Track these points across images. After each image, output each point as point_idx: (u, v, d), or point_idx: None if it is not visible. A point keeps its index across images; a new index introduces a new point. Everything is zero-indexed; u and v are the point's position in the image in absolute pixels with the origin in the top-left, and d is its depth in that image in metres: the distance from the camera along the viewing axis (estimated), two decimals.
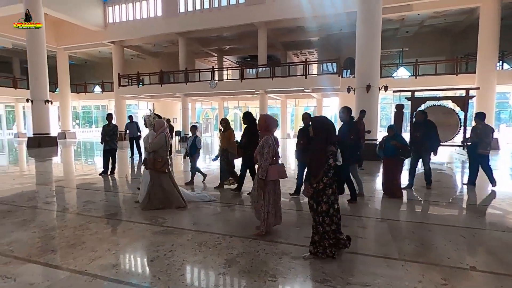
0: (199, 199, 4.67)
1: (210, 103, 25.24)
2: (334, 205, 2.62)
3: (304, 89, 15.57)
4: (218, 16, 16.46)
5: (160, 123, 4.32)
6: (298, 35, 18.34)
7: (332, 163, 2.51)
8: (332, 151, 2.54)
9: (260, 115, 3.44)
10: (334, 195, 2.62)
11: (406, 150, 4.82)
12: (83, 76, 25.63)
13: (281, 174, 3.22)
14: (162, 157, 4.23)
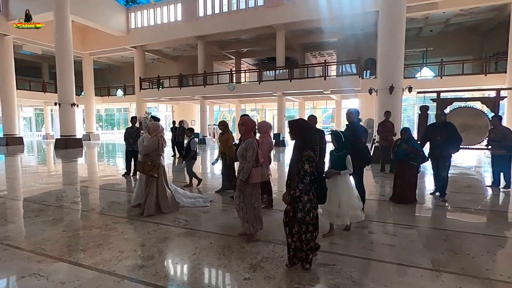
0: (192, 204, 4.55)
1: (227, 106, 25.43)
2: (311, 213, 2.45)
3: (323, 91, 15.35)
4: (237, 19, 16.59)
5: (154, 126, 4.23)
6: (316, 36, 18.14)
7: (308, 169, 2.36)
8: (308, 156, 2.38)
9: (243, 117, 3.36)
10: (310, 202, 2.44)
11: (419, 155, 4.59)
12: (106, 80, 26.57)
13: (263, 177, 3.21)
14: (153, 161, 4.08)
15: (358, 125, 4.17)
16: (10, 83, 17.78)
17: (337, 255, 2.86)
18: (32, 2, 15.99)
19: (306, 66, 16.78)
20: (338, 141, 3.36)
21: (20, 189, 6.21)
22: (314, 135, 2.50)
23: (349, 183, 3.41)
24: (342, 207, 3.25)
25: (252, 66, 24.87)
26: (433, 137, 4.81)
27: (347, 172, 3.30)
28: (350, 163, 3.28)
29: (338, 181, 3.30)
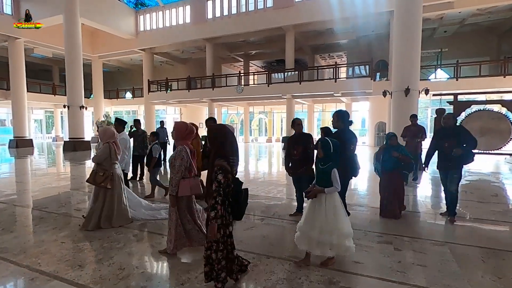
0: (151, 216, 4.10)
1: (235, 108, 25.25)
2: (221, 231, 2.17)
3: (334, 93, 14.99)
4: (246, 20, 16.41)
5: (104, 132, 3.79)
6: (326, 38, 17.83)
7: (222, 180, 2.08)
8: (221, 165, 2.11)
9: (175, 122, 2.98)
10: (221, 218, 2.14)
11: (410, 163, 4.16)
12: (115, 83, 26.73)
13: (194, 189, 2.86)
14: (105, 171, 3.69)
15: (348, 130, 3.62)
16: (21, 86, 17.95)
17: (362, 277, 2.55)
18: (42, 6, 16.14)
19: (316, 68, 16.44)
20: (326, 150, 2.71)
21: (23, 194, 6.06)
22: (229, 143, 2.22)
23: (337, 204, 2.70)
24: (325, 233, 2.60)
25: (261, 69, 24.66)
26: (441, 145, 4.00)
27: (333, 190, 2.64)
28: (336, 178, 2.63)
29: (322, 200, 2.67)
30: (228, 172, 2.13)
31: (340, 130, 3.60)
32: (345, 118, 3.60)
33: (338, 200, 2.72)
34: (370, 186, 6.47)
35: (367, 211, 4.61)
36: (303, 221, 2.74)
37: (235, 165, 2.23)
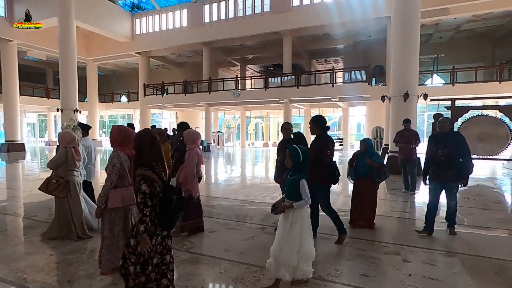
0: None
1: (232, 113, 25.12)
2: (153, 238, 2.01)
3: (331, 98, 14.95)
4: (243, 25, 16.37)
5: (63, 136, 3.53)
6: (323, 43, 17.87)
7: (146, 190, 1.92)
8: (142, 175, 1.95)
9: (113, 126, 2.72)
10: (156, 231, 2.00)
11: (382, 171, 3.98)
12: (110, 86, 26.45)
13: (126, 200, 2.59)
14: (59, 178, 3.40)
15: (326, 136, 3.44)
16: (13, 89, 17.60)
17: None
18: (37, 7, 15.89)
19: (314, 73, 16.43)
20: (294, 159, 2.43)
21: (13, 200, 5.81)
22: (148, 150, 2.04)
23: (305, 221, 2.39)
24: (283, 253, 2.31)
25: (257, 73, 24.62)
26: (435, 153, 3.63)
27: (303, 204, 2.35)
28: (305, 190, 2.34)
29: (290, 216, 2.37)
30: (153, 180, 1.97)
31: (318, 136, 3.43)
32: (322, 124, 3.42)
33: (306, 217, 2.43)
34: None
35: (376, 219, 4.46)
36: (274, 243, 2.42)
37: (162, 172, 2.05)
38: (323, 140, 3.37)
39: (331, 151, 3.35)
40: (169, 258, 2.07)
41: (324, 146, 3.34)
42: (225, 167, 11.74)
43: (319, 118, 3.47)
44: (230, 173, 10.04)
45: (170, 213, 1.97)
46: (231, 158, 15.43)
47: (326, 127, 3.44)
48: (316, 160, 3.31)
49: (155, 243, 1.99)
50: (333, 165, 3.42)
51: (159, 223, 1.98)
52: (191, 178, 3.48)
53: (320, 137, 3.41)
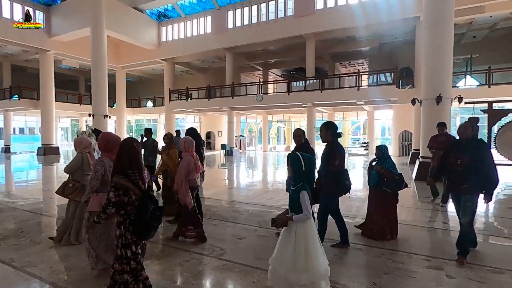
0: None
1: (254, 117, 25.21)
2: (122, 250, 2.05)
3: (356, 102, 14.58)
4: (266, 29, 16.42)
5: (79, 141, 3.59)
6: (347, 45, 17.53)
7: (112, 198, 1.97)
8: (116, 183, 1.98)
9: (101, 133, 2.80)
10: (121, 238, 2.04)
11: (393, 180, 3.70)
12: (137, 92, 27.45)
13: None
14: (75, 182, 3.48)
15: (337, 143, 3.28)
16: (49, 96, 18.74)
17: None
18: (71, 19, 16.89)
19: (338, 76, 16.09)
20: (296, 168, 2.26)
21: (50, 202, 6.12)
22: (126, 157, 2.07)
23: (310, 236, 2.19)
24: (293, 272, 2.15)
25: (280, 77, 24.58)
26: (454, 162, 3.14)
27: (302, 218, 2.17)
28: (305, 203, 2.16)
29: (292, 231, 2.21)
30: (127, 189, 1.99)
31: (328, 144, 3.31)
32: (333, 130, 3.28)
33: (311, 230, 2.22)
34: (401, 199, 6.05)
35: (409, 228, 4.25)
36: (274, 252, 2.32)
37: (138, 180, 2.06)
38: (331, 149, 3.26)
39: (339, 160, 3.21)
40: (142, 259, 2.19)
41: (331, 155, 3.23)
42: (247, 171, 11.73)
43: (330, 125, 3.34)
44: (253, 177, 10.02)
45: (144, 222, 1.98)
46: (253, 162, 15.43)
47: (337, 134, 3.29)
48: (324, 169, 3.27)
49: (136, 251, 2.06)
50: (343, 174, 3.26)
51: (134, 232, 2.01)
52: (180, 187, 3.45)
53: (329, 145, 3.30)
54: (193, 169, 3.56)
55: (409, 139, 16.80)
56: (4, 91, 20.65)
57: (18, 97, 19.50)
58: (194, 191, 3.68)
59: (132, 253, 2.05)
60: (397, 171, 3.79)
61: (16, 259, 3.13)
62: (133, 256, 2.06)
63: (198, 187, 3.80)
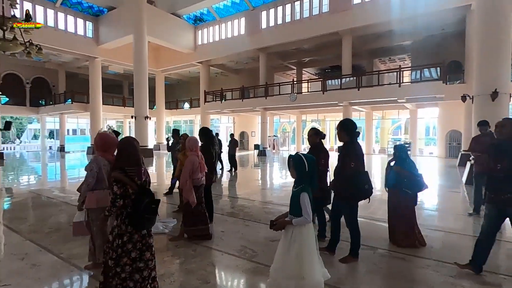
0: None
1: (288, 117, 24.97)
2: (116, 239, 2.14)
3: (397, 99, 13.72)
4: (300, 28, 16.16)
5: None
6: (387, 40, 16.58)
7: (117, 191, 2.09)
8: (115, 177, 2.12)
9: (99, 134, 2.90)
10: (117, 227, 2.15)
11: (414, 181, 3.44)
12: (175, 94, 28.68)
13: (101, 202, 2.73)
14: None
15: (355, 143, 3.04)
16: (97, 99, 20.32)
17: None
18: (116, 28, 18.13)
19: (377, 73, 15.27)
20: (299, 169, 2.17)
21: None
22: (125, 155, 2.25)
23: (304, 242, 2.07)
24: (280, 275, 2.09)
25: (314, 76, 24.06)
26: (493, 167, 2.69)
27: (302, 222, 2.07)
28: (305, 205, 2.06)
29: (288, 234, 2.12)
30: (125, 183, 2.12)
31: (345, 144, 3.05)
32: (351, 129, 3.00)
33: (308, 236, 2.09)
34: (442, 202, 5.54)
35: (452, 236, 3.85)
36: (274, 258, 2.23)
37: (136, 176, 2.20)
38: (348, 150, 3.00)
39: (356, 162, 2.93)
40: (149, 255, 2.21)
41: (347, 157, 2.96)
42: (281, 171, 11.61)
43: (347, 123, 3.07)
44: (286, 177, 9.86)
45: (139, 214, 2.11)
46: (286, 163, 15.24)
47: (355, 133, 3.02)
48: (339, 172, 3.02)
49: (126, 240, 2.14)
50: (361, 178, 2.95)
51: (130, 223, 2.14)
52: (184, 186, 3.52)
53: (346, 145, 3.03)
54: (197, 169, 3.63)
55: (458, 140, 15.42)
56: (59, 96, 22.83)
57: (71, 101, 21.44)
58: (199, 190, 3.75)
59: (122, 242, 2.15)
60: (418, 171, 3.54)
61: (64, 251, 3.37)
62: (121, 244, 2.15)
63: (203, 186, 3.86)
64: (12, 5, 5.38)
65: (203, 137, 4.41)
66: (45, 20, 17.13)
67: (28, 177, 10.44)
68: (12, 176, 10.43)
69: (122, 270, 2.13)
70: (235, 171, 10.49)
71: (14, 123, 24.53)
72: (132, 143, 2.31)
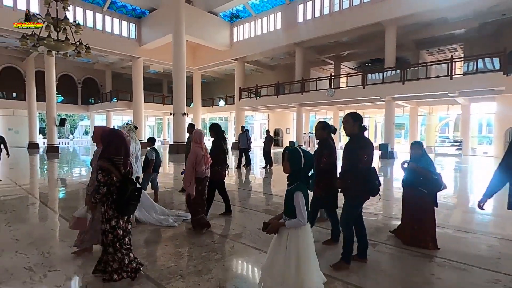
0: (158, 222, 4.05)
1: (324, 113, 24.23)
2: (107, 224, 2.42)
3: (448, 93, 12.54)
4: (339, 20, 15.46)
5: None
6: (436, 29, 15.23)
7: (102, 179, 2.32)
8: (100, 166, 2.35)
9: (97, 127, 2.91)
10: (105, 213, 2.41)
11: (431, 179, 3.20)
12: (211, 92, 29.32)
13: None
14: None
15: (362, 137, 2.81)
16: (139, 97, 21.43)
17: None
18: (156, 28, 18.89)
19: (425, 65, 14.00)
20: (295, 164, 1.95)
21: None
22: (114, 146, 2.44)
23: (301, 244, 1.89)
24: (281, 285, 1.88)
25: (353, 70, 23.01)
26: None
27: (295, 224, 1.88)
28: (300, 206, 1.86)
29: (283, 238, 1.93)
30: (110, 171, 2.32)
31: (354, 138, 2.82)
32: (361, 122, 2.80)
33: (304, 239, 1.89)
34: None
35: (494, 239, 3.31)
36: (265, 260, 2.07)
37: (122, 165, 2.41)
38: (361, 142, 2.76)
39: (368, 156, 2.71)
40: (127, 240, 2.49)
41: (360, 149, 2.71)
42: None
43: (358, 116, 2.85)
44: None
45: (124, 201, 2.32)
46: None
47: (363, 127, 2.82)
48: (350, 167, 2.74)
49: (116, 225, 2.40)
50: (372, 172, 2.74)
51: (116, 208, 2.35)
52: (186, 176, 3.61)
53: (356, 138, 2.81)
54: (201, 161, 3.67)
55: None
56: (106, 94, 24.49)
57: (116, 99, 22.88)
58: (203, 182, 3.80)
59: (111, 227, 2.39)
60: (435, 169, 3.28)
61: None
62: (111, 229, 2.40)
63: (207, 178, 3.88)
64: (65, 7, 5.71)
65: (214, 133, 4.42)
66: (94, 23, 18.40)
67: (79, 169, 11.29)
68: (66, 168, 11.35)
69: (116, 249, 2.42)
70: (270, 168, 10.36)
71: (68, 120, 26.89)
72: (121, 135, 2.50)
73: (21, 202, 5.50)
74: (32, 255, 3.03)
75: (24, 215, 4.68)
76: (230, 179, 8.52)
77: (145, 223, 4.06)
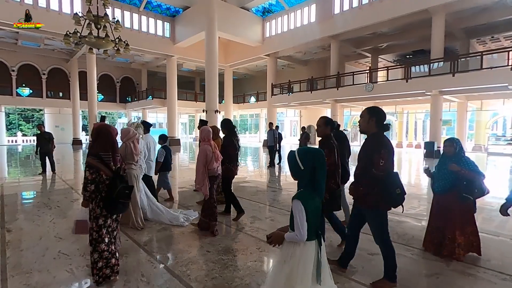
0: (169, 221, 3.97)
1: (360, 109, 23.04)
2: (94, 223, 2.31)
3: (508, 86, 11.18)
4: (380, 9, 14.40)
5: (126, 132, 3.68)
6: (491, 15, 13.64)
7: (89, 176, 2.22)
8: (88, 163, 2.25)
9: (96, 124, 2.69)
10: (93, 211, 2.30)
11: (475, 182, 2.74)
12: (242, 89, 29.25)
13: None
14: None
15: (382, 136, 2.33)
16: (173, 95, 21.88)
17: None
18: (189, 26, 19.06)
19: (481, 54, 12.56)
20: (292, 168, 1.70)
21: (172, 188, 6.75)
22: (101, 142, 2.35)
23: (295, 260, 1.62)
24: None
25: (391, 63, 21.60)
26: None
27: (292, 238, 1.62)
28: (298, 217, 1.57)
29: (289, 250, 1.66)
30: (99, 168, 2.23)
31: (370, 137, 2.35)
32: (380, 119, 2.30)
33: (300, 254, 1.62)
34: None
35: None
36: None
37: (110, 162, 2.31)
38: (376, 143, 2.26)
39: (386, 160, 2.19)
40: (108, 241, 2.38)
41: (375, 152, 2.21)
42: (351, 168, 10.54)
43: (376, 110, 2.35)
44: None
45: (112, 199, 2.22)
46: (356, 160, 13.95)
47: (384, 125, 2.32)
48: (362, 172, 2.27)
49: (103, 224, 2.32)
50: (392, 180, 2.22)
51: (104, 206, 2.27)
52: (197, 175, 3.45)
53: (373, 137, 2.32)
54: (211, 159, 3.51)
55: None
56: (142, 92, 25.37)
57: (152, 97, 23.59)
58: (215, 181, 3.67)
59: (97, 225, 2.30)
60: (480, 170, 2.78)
61: (148, 243, 3.33)
62: (97, 228, 2.31)
63: (219, 177, 3.75)
64: (105, 4, 5.74)
65: (225, 128, 4.25)
66: (131, 23, 19.00)
67: None
68: None
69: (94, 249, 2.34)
70: None
71: (107, 118, 28.36)
72: (108, 130, 2.39)
73: (65, 197, 5.64)
74: (74, 256, 2.96)
75: (67, 211, 4.74)
76: (261, 177, 8.26)
77: (159, 222, 3.99)
